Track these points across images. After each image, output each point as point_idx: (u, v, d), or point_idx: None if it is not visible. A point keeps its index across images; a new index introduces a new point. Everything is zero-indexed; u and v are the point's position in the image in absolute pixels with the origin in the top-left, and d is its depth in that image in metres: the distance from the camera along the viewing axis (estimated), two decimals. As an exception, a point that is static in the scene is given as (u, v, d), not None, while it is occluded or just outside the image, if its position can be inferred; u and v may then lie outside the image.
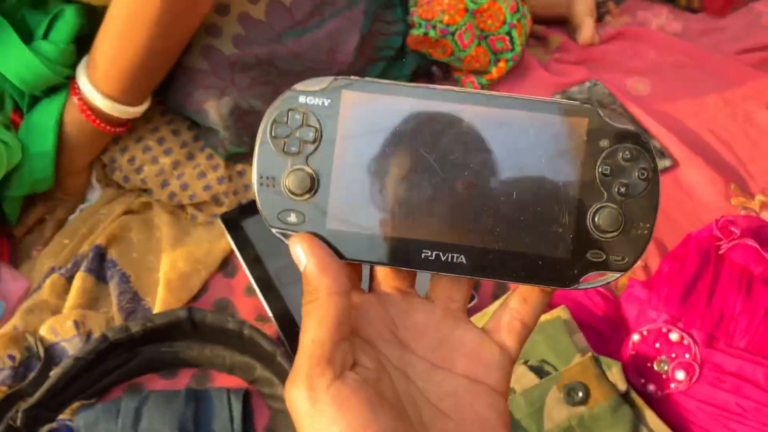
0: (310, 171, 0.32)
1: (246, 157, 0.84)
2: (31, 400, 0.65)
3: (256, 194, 0.33)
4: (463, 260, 0.32)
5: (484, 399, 0.32)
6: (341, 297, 0.30)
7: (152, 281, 0.78)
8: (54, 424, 0.67)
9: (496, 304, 0.72)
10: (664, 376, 0.62)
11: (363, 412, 0.29)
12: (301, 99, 0.32)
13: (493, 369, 0.33)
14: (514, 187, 0.31)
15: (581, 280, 0.31)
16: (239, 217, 0.81)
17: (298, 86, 0.32)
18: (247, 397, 0.70)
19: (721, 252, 0.67)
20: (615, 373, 0.61)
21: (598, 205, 0.31)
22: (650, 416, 0.60)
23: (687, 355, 0.62)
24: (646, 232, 0.31)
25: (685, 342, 0.62)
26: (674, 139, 0.87)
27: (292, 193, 0.32)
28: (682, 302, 0.64)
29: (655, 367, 0.63)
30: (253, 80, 0.79)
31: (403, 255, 0.32)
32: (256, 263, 0.78)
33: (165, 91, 0.80)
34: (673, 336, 0.63)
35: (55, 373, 0.66)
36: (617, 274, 0.31)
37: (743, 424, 0.58)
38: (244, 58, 0.78)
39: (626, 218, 0.31)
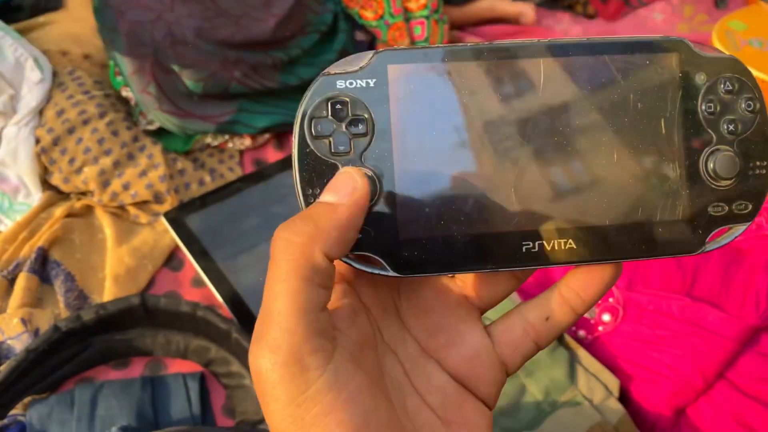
0: (368, 172, 0.26)
1: (185, 153, 0.86)
2: (-19, 396, 0.64)
3: None
4: (572, 244, 0.26)
5: (472, 404, 0.28)
6: (332, 264, 0.24)
7: (98, 280, 0.79)
8: (5, 420, 0.66)
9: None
10: (592, 321, 0.69)
11: (365, 400, 0.24)
12: (340, 84, 0.26)
13: (485, 383, 0.28)
14: (611, 147, 0.26)
15: (707, 240, 0.27)
16: (182, 214, 0.83)
17: (332, 68, 0.26)
18: (202, 380, 0.71)
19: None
20: (549, 319, 0.67)
21: (710, 150, 0.27)
22: (583, 354, 0.66)
23: (611, 299, 0.68)
24: (764, 171, 0.27)
25: (607, 288, 0.69)
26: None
27: None
28: (602, 254, 0.71)
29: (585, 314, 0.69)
30: (191, 12, 0.82)
31: (501, 254, 0.26)
32: (202, 255, 0.80)
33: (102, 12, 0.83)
34: (597, 284, 0.69)
35: (5, 366, 0.65)
36: (742, 226, 0.27)
37: (661, 351, 0.65)
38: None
39: (742, 159, 0.26)
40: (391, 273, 0.26)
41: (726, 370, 0.64)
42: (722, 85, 0.26)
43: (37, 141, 0.83)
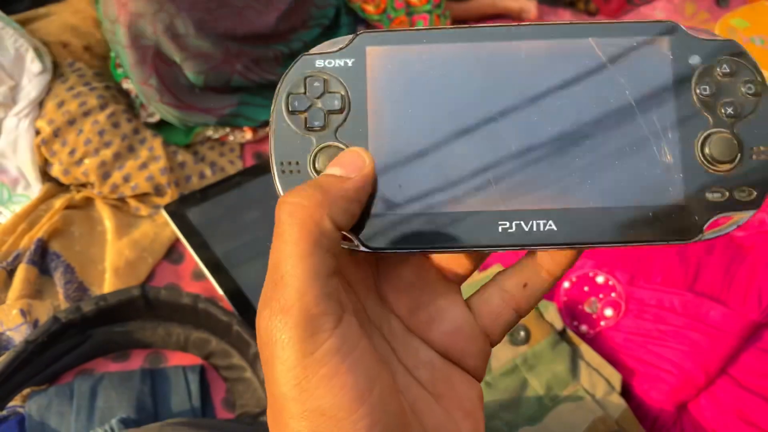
0: (341, 146, 0.26)
1: (187, 145, 0.86)
2: (-20, 387, 0.64)
3: (278, 185, 0.27)
4: (553, 227, 0.26)
5: (461, 377, 0.28)
6: (338, 232, 0.25)
7: (97, 272, 0.78)
8: (4, 412, 0.65)
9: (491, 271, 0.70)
10: (594, 316, 0.69)
11: (370, 366, 0.24)
12: (319, 63, 0.27)
13: (470, 355, 0.28)
14: (599, 129, 0.26)
15: (705, 229, 0.25)
16: (182, 207, 0.83)
17: (313, 50, 0.27)
18: (202, 373, 0.71)
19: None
20: (551, 313, 0.67)
21: (706, 133, 0.26)
22: (585, 349, 0.66)
23: (613, 294, 0.68)
24: None
25: (610, 283, 0.69)
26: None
27: None
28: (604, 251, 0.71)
29: (586, 309, 0.69)
30: (193, 3, 0.82)
31: (475, 233, 0.26)
32: (203, 248, 0.80)
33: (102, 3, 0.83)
34: (600, 279, 0.69)
35: (4, 358, 0.65)
36: (746, 214, 0.25)
37: (663, 346, 0.64)
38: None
39: (742, 143, 0.25)
40: (362, 248, 0.26)
41: (728, 365, 0.64)
42: (719, 68, 0.26)
43: (37, 132, 0.82)
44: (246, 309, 0.74)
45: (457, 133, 0.26)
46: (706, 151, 0.25)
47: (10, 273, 0.75)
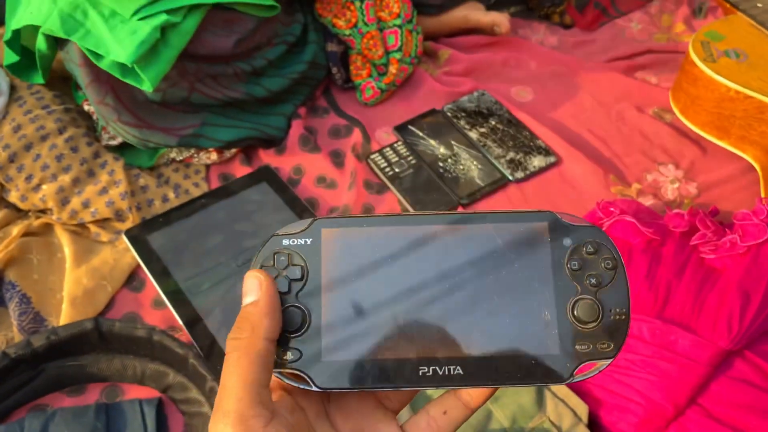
0: (301, 307, 0.33)
1: (147, 168, 0.84)
2: (-75, 427, 0.62)
3: None
4: (460, 371, 0.32)
5: None
6: (272, 344, 0.31)
7: (56, 301, 0.76)
8: (-49, 452, 0.63)
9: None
10: (561, 344, 0.67)
11: None
12: (285, 242, 0.34)
13: None
14: (496, 294, 0.33)
15: (575, 373, 0.32)
16: (144, 232, 0.81)
17: (281, 231, 0.34)
18: (160, 406, 0.68)
19: (604, 229, 0.73)
20: (517, 343, 0.65)
21: (575, 299, 0.32)
22: (551, 379, 0.64)
23: (580, 321, 0.66)
24: (623, 316, 0.32)
25: (577, 309, 0.67)
26: (557, 138, 0.94)
27: (287, 331, 0.33)
28: (572, 275, 0.69)
29: (553, 336, 0.67)
30: None
31: (402, 375, 0.33)
32: (163, 275, 0.77)
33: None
34: (567, 305, 0.68)
35: (-49, 396, 0.63)
36: (607, 361, 0.32)
37: (632, 376, 0.63)
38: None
39: (602, 306, 0.32)
40: (314, 388, 0.33)
41: (698, 395, 0.62)
42: (585, 248, 0.33)
43: (-7, 157, 0.80)
44: (205, 337, 0.72)
45: (389, 299, 0.33)
46: (575, 313, 0.32)
47: (-37, 304, 0.73)
